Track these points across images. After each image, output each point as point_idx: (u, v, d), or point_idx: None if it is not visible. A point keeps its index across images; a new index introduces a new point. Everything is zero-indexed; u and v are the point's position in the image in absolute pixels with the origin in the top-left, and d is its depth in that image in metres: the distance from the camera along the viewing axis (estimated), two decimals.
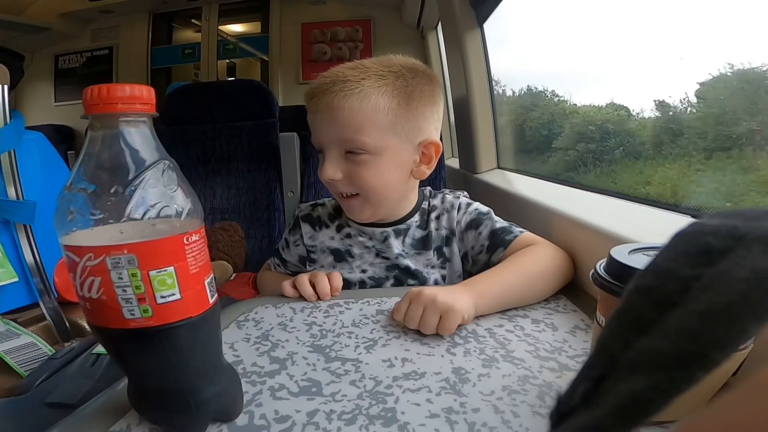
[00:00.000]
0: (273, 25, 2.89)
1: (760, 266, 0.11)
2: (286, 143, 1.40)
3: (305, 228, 0.70)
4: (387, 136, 0.59)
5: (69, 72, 3.04)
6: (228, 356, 0.45)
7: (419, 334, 0.47)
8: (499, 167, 1.28)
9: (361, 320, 0.51)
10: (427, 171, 0.64)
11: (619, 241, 0.50)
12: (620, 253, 0.31)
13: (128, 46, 2.97)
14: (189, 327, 0.28)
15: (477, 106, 1.23)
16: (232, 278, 1.28)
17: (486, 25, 1.22)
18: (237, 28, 3.06)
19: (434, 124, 0.64)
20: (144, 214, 0.25)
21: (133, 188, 0.24)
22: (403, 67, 0.60)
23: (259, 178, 1.42)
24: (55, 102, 3.06)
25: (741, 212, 0.13)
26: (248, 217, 1.40)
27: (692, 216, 0.54)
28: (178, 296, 0.26)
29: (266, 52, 2.92)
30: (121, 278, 0.25)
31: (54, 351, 0.67)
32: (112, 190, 0.24)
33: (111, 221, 0.24)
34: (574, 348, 0.44)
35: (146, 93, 0.26)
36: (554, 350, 0.44)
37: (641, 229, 0.51)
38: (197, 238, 0.27)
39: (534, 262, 0.55)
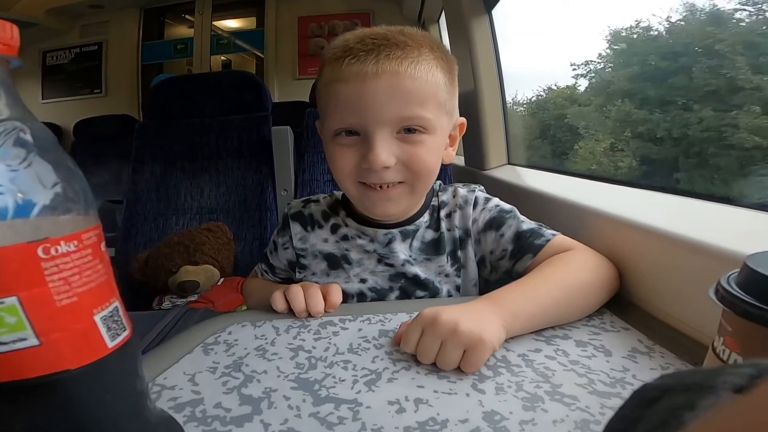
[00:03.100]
0: (268, 20, 2.79)
1: (674, 405, 0.14)
2: (279, 138, 1.30)
3: (295, 228, 0.60)
4: (441, 113, 0.50)
5: (57, 68, 2.95)
6: (185, 392, 0.34)
7: (435, 364, 0.36)
8: (510, 163, 1.18)
9: (360, 344, 0.41)
10: (452, 153, 0.56)
11: (683, 244, 0.40)
12: (764, 263, 0.21)
13: (118, 41, 2.89)
14: (65, 384, 0.17)
15: (486, 99, 1.14)
16: (219, 283, 1.18)
17: None
18: (231, 23, 2.97)
19: None
20: None
21: None
22: (439, 43, 0.53)
23: (250, 175, 1.33)
24: (42, 99, 2.97)
25: (701, 371, 0.15)
26: (238, 217, 1.30)
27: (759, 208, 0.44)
28: (32, 341, 0.16)
29: (261, 47, 2.82)
30: None
31: None
32: None
33: None
34: (639, 378, 0.34)
35: None
36: (614, 382, 0.34)
37: (717, 230, 0.40)
38: (73, 248, 0.16)
39: (575, 272, 0.44)
